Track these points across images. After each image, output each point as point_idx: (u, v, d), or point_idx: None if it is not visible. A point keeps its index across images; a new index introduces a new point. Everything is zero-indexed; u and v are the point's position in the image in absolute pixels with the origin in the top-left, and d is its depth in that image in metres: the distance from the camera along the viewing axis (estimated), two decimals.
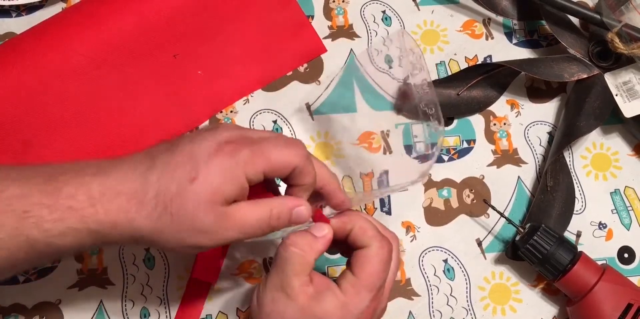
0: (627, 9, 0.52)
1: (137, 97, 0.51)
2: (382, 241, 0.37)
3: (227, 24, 0.53)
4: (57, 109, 0.49)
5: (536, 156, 0.53)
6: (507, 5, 0.56)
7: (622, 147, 0.54)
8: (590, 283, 0.45)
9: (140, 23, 0.50)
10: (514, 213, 0.51)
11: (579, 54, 0.53)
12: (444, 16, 0.57)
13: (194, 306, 0.47)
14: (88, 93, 0.50)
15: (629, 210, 0.52)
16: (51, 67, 0.49)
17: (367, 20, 0.56)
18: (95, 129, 0.50)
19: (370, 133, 0.47)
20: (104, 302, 0.47)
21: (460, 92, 0.54)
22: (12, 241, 0.32)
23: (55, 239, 0.33)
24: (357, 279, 0.36)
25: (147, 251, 0.48)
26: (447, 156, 0.53)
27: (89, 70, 0.49)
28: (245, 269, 0.49)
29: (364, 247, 0.37)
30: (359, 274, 0.36)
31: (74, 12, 0.51)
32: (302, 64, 0.54)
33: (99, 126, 0.50)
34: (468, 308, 0.49)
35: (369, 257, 0.37)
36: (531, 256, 0.46)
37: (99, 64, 0.50)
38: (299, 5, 0.55)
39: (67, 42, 0.49)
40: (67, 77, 0.49)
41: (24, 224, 0.32)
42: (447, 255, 0.50)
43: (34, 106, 0.48)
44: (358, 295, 0.36)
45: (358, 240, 0.37)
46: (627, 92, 0.51)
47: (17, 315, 0.46)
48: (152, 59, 0.51)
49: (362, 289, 0.36)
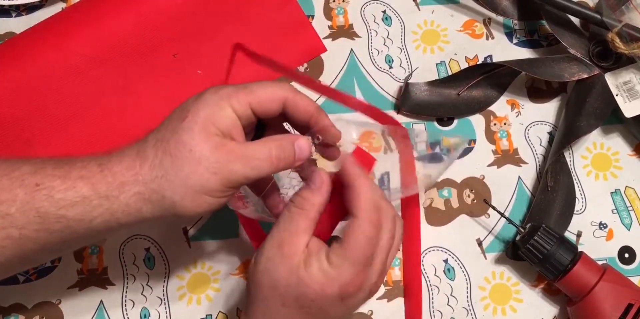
0: (628, 9, 0.52)
1: (137, 96, 0.51)
2: (371, 216, 0.35)
3: (227, 24, 0.53)
4: (57, 108, 0.49)
5: (536, 156, 0.53)
6: (508, 5, 0.56)
7: (623, 147, 0.54)
8: (590, 283, 0.45)
9: (140, 22, 0.50)
10: (514, 213, 0.51)
11: (580, 54, 0.53)
12: (444, 16, 0.57)
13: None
14: (88, 93, 0.50)
15: (630, 210, 0.52)
16: (51, 67, 0.49)
17: (367, 20, 0.56)
18: (95, 129, 0.50)
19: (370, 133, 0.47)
20: (104, 302, 0.47)
21: (460, 92, 0.54)
22: (22, 216, 0.33)
23: (65, 210, 0.33)
24: (342, 251, 0.35)
25: (147, 251, 0.48)
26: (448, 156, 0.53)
27: (89, 70, 0.49)
28: (245, 269, 0.49)
29: (353, 216, 0.35)
30: (346, 245, 0.35)
31: (74, 12, 0.51)
32: (302, 64, 0.54)
33: (99, 126, 0.50)
34: (468, 308, 0.49)
35: (354, 230, 0.35)
36: (532, 256, 0.46)
37: (98, 63, 0.50)
38: (299, 5, 0.55)
39: (66, 41, 0.49)
40: (67, 77, 0.49)
41: (35, 197, 0.33)
42: (448, 255, 0.50)
43: (34, 106, 0.48)
44: (341, 267, 0.34)
45: (350, 206, 0.35)
46: (628, 92, 0.51)
47: (17, 315, 0.46)
48: (152, 58, 0.51)
49: (345, 261, 0.34)
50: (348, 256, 0.34)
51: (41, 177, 0.33)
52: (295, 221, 0.35)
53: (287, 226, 0.35)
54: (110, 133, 0.50)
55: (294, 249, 0.35)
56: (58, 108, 0.49)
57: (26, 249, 0.34)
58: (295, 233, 0.35)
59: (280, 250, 0.35)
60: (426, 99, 0.53)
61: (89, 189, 0.33)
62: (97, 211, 0.34)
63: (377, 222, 0.36)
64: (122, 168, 0.34)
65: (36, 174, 0.34)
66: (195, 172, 0.34)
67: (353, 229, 0.35)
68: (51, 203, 0.33)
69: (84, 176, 0.34)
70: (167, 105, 0.51)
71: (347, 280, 0.34)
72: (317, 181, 0.36)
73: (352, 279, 0.35)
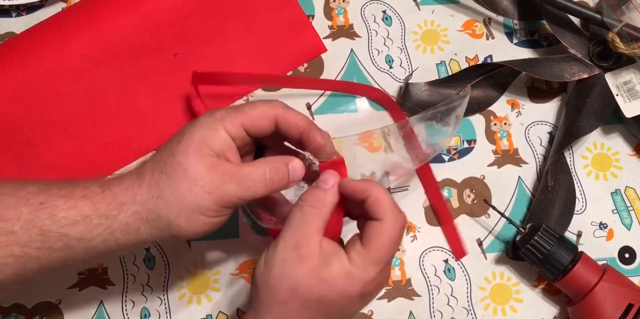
0: (628, 9, 0.52)
1: (137, 96, 0.51)
2: (397, 217, 0.36)
3: (227, 24, 0.53)
4: (57, 109, 0.49)
5: (537, 156, 0.53)
6: (508, 5, 0.56)
7: (623, 147, 0.54)
8: (590, 283, 0.45)
9: (140, 22, 0.50)
10: (514, 213, 0.51)
11: (580, 54, 0.53)
12: (445, 16, 0.57)
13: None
14: (88, 93, 0.50)
15: (630, 210, 0.52)
16: (51, 67, 0.49)
17: (367, 20, 0.56)
18: (95, 129, 0.50)
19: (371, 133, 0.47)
20: (104, 302, 0.47)
21: (460, 92, 0.53)
22: (25, 234, 0.34)
23: (67, 229, 0.34)
24: (366, 252, 0.35)
25: (147, 251, 0.48)
26: (448, 156, 0.53)
27: (89, 70, 0.49)
28: (245, 269, 0.49)
29: (377, 219, 0.36)
30: (369, 246, 0.35)
31: (74, 12, 0.51)
32: (303, 64, 0.54)
33: (99, 126, 0.50)
34: (469, 308, 0.49)
35: (382, 231, 0.36)
36: (532, 256, 0.46)
37: (98, 63, 0.50)
38: (300, 4, 0.55)
39: (67, 41, 0.49)
40: (67, 77, 0.49)
41: (39, 215, 0.34)
42: (448, 255, 0.50)
43: (34, 106, 0.48)
44: (364, 267, 0.35)
45: (372, 211, 0.36)
46: (628, 92, 0.51)
47: (17, 315, 0.46)
48: (152, 58, 0.51)
49: (369, 261, 0.35)
50: (372, 257, 0.35)
51: (46, 196, 0.35)
52: (310, 221, 0.36)
53: (302, 227, 0.36)
54: (110, 133, 0.50)
55: (310, 250, 0.35)
56: (58, 108, 0.49)
57: (27, 269, 0.35)
58: (310, 234, 0.35)
59: (296, 252, 0.35)
60: (426, 99, 0.53)
61: (89, 208, 0.35)
62: (96, 230, 0.35)
63: (403, 223, 0.37)
64: (122, 189, 0.35)
65: (41, 193, 0.35)
66: (191, 191, 0.35)
67: (382, 231, 0.36)
68: (53, 221, 0.34)
69: (86, 196, 0.35)
70: (167, 105, 0.52)
71: (369, 279, 0.35)
72: (329, 181, 0.37)
73: (373, 279, 0.35)
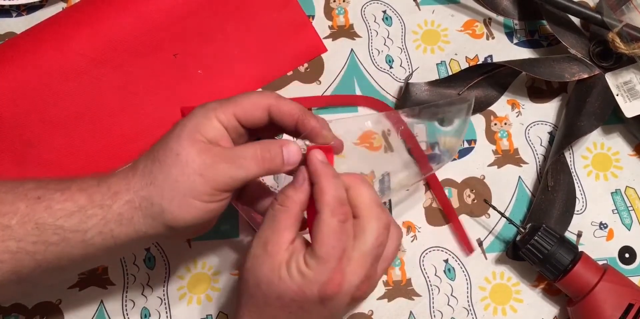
0: (628, 9, 0.52)
1: (137, 96, 0.51)
2: (334, 210, 0.34)
3: (227, 23, 0.53)
4: (57, 109, 0.49)
5: (537, 156, 0.53)
6: (508, 5, 0.56)
7: (623, 147, 0.54)
8: (591, 283, 0.45)
9: (140, 22, 0.50)
10: (514, 213, 0.51)
11: (580, 54, 0.53)
12: (445, 16, 0.57)
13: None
14: (88, 92, 0.50)
15: (630, 210, 0.52)
16: (51, 67, 0.49)
17: (367, 20, 0.56)
18: (95, 129, 0.50)
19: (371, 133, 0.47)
20: (104, 302, 0.47)
21: (461, 92, 0.53)
22: (21, 228, 0.34)
23: (63, 221, 0.34)
24: (312, 250, 0.34)
25: (147, 251, 0.48)
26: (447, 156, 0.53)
27: (89, 70, 0.49)
28: None
29: (317, 212, 0.35)
30: (313, 243, 0.34)
31: (74, 12, 0.51)
32: (303, 64, 0.54)
33: (99, 126, 0.50)
34: (469, 308, 0.49)
35: (318, 225, 0.34)
36: (532, 256, 0.46)
37: (98, 63, 0.50)
38: (300, 4, 0.55)
39: (67, 41, 0.49)
40: (67, 77, 0.49)
41: (36, 209, 0.34)
42: (448, 255, 0.50)
43: (34, 106, 0.48)
44: (315, 267, 0.34)
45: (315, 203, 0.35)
46: (628, 92, 0.51)
47: (17, 315, 0.46)
48: (152, 58, 0.51)
49: (317, 260, 0.34)
50: (318, 254, 0.34)
51: (43, 191, 0.35)
52: (278, 219, 0.35)
53: (270, 224, 0.36)
54: (110, 133, 0.50)
55: (277, 247, 0.35)
56: (58, 108, 0.49)
57: (23, 266, 0.34)
58: (278, 231, 0.35)
59: (265, 248, 0.35)
60: (427, 99, 0.53)
61: (85, 199, 0.35)
62: (91, 221, 0.35)
63: (342, 216, 0.34)
64: (117, 179, 0.36)
65: (39, 188, 0.35)
66: (183, 175, 0.34)
67: (318, 225, 0.34)
68: (50, 214, 0.34)
69: (83, 188, 0.35)
70: (167, 105, 0.52)
71: (323, 281, 0.34)
72: (299, 178, 0.36)
73: (328, 279, 0.34)
